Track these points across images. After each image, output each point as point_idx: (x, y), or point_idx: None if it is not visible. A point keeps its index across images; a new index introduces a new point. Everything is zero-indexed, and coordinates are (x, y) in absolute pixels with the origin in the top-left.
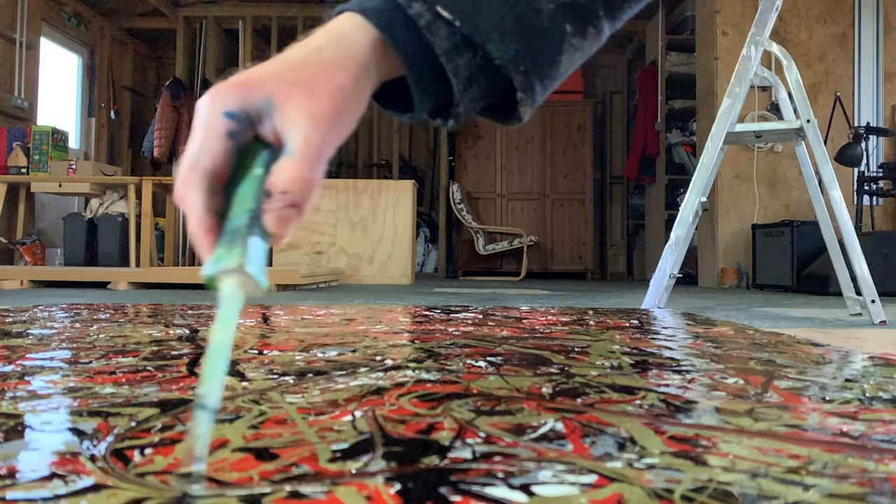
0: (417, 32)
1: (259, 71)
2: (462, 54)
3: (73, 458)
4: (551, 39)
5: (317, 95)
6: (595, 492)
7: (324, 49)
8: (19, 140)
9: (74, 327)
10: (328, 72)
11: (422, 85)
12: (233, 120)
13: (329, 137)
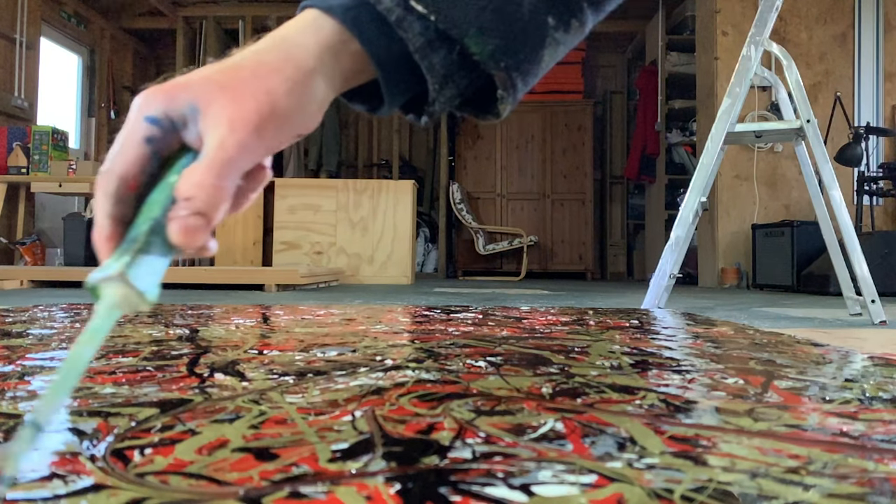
0: (388, 29)
1: (190, 75)
2: (437, 50)
3: (73, 458)
4: (533, 33)
5: (241, 99)
6: (595, 492)
7: (263, 51)
8: (19, 140)
9: (74, 327)
10: (262, 75)
11: (393, 82)
12: (153, 125)
13: (249, 143)
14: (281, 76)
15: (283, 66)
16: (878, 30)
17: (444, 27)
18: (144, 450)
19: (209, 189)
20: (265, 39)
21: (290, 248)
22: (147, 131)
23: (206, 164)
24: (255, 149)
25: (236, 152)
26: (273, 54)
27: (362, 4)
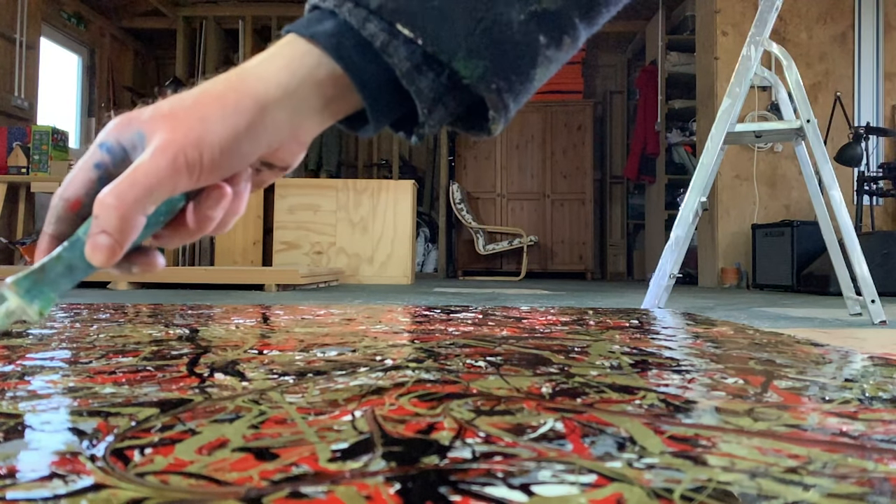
0: (373, 54)
1: (148, 107)
2: (425, 74)
3: (73, 458)
4: (524, 53)
5: (174, 126)
6: (595, 491)
7: (216, 81)
8: (19, 140)
9: (74, 327)
10: (201, 103)
11: (379, 107)
12: (105, 152)
13: (165, 168)
14: (219, 104)
15: (226, 94)
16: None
17: (432, 50)
18: (144, 450)
19: (110, 208)
20: (230, 71)
21: (290, 248)
22: (98, 157)
23: (113, 184)
24: (170, 175)
25: (144, 176)
26: (221, 84)
27: (346, 30)
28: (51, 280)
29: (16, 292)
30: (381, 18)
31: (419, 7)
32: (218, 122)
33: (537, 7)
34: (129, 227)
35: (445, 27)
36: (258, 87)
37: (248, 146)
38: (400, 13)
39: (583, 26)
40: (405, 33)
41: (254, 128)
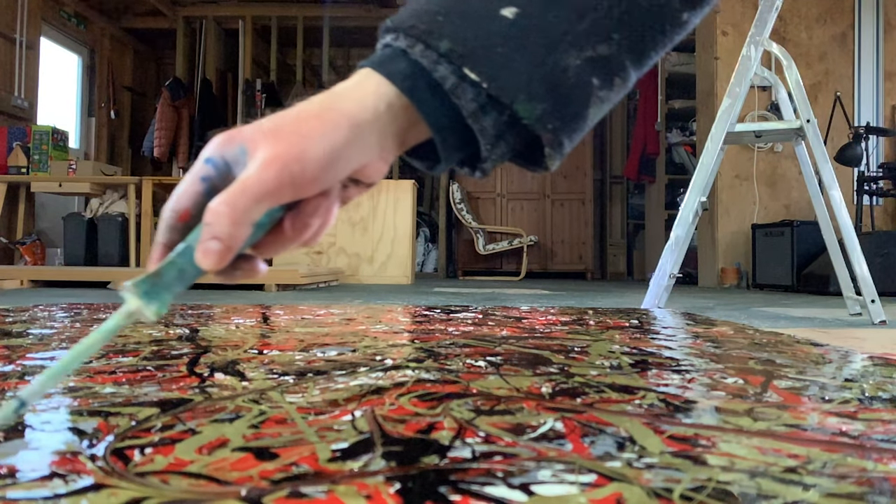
0: (442, 94)
1: (249, 125)
2: (489, 114)
3: (73, 458)
4: (578, 95)
5: (278, 141)
6: (594, 491)
7: (313, 101)
8: (19, 140)
9: (74, 327)
10: (301, 120)
11: (447, 144)
12: (210, 165)
13: (271, 180)
14: (318, 122)
15: (324, 113)
16: (878, 30)
17: (496, 94)
18: (145, 449)
19: (221, 215)
20: (322, 94)
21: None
22: (204, 171)
23: (225, 193)
24: (276, 186)
25: (253, 186)
26: (317, 105)
27: (419, 72)
28: (166, 283)
29: (136, 294)
30: (450, 62)
31: (485, 52)
32: (318, 139)
33: (592, 53)
34: (239, 234)
35: (508, 72)
36: (352, 108)
37: (344, 161)
38: (467, 58)
39: (633, 69)
40: (472, 77)
41: (349, 145)
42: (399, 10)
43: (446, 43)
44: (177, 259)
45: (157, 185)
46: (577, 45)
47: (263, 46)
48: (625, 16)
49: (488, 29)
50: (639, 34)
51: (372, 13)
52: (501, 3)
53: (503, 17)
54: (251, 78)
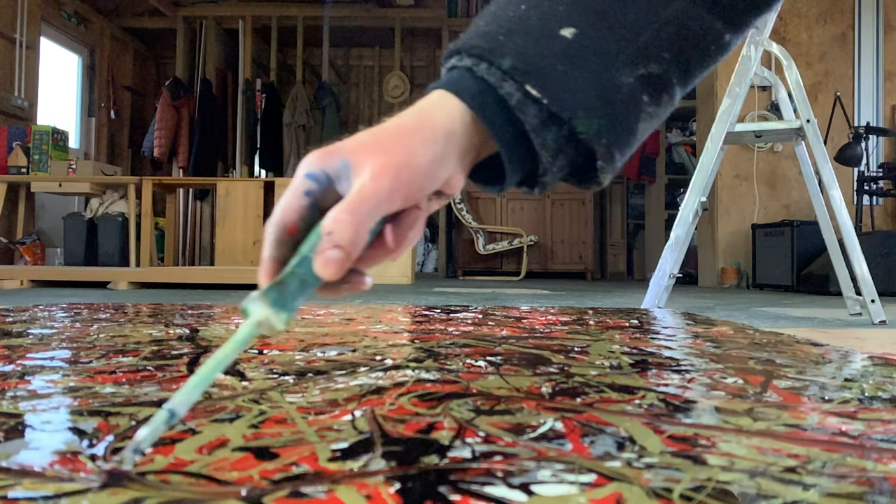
0: (507, 111)
1: (346, 141)
2: (549, 129)
3: (73, 458)
4: (631, 111)
5: (383, 154)
6: (594, 491)
7: (405, 116)
8: (19, 140)
9: (74, 327)
10: (402, 133)
11: (513, 158)
12: (312, 180)
13: (384, 189)
14: (418, 134)
15: (421, 126)
16: (878, 30)
17: (555, 110)
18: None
19: (344, 224)
20: (408, 110)
21: None
22: (306, 186)
23: (344, 203)
24: (389, 193)
25: (371, 194)
26: (413, 118)
27: (487, 89)
28: (290, 293)
29: (266, 303)
30: (513, 80)
31: (546, 71)
32: (420, 150)
33: (644, 71)
34: (360, 241)
35: (567, 89)
36: (445, 121)
37: (442, 170)
38: (530, 75)
39: (679, 86)
40: (533, 94)
41: (446, 155)
42: (459, 36)
43: (508, 61)
44: (296, 269)
45: (157, 185)
46: (631, 64)
47: (263, 46)
48: (674, 37)
49: (548, 48)
50: (686, 54)
51: (372, 13)
52: (561, 24)
53: (562, 36)
54: (251, 78)
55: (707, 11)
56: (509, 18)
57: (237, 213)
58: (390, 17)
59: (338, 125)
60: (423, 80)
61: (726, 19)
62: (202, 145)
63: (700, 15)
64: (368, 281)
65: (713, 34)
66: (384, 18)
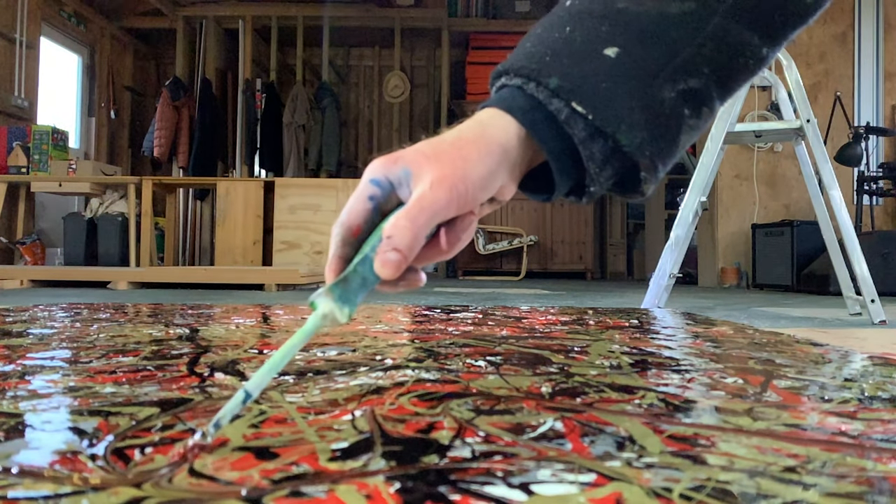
0: (557, 126)
1: (407, 149)
2: (596, 141)
3: (73, 457)
4: (672, 124)
5: (442, 164)
6: (594, 491)
7: (463, 129)
8: (19, 140)
9: (74, 327)
10: (460, 146)
11: (562, 169)
12: (375, 186)
13: (441, 198)
14: (475, 147)
15: (478, 140)
16: (878, 30)
17: (600, 124)
18: (145, 449)
19: (403, 229)
20: (464, 124)
21: (290, 247)
22: (370, 191)
23: (404, 210)
24: (446, 203)
25: (429, 204)
26: (471, 131)
27: (536, 105)
28: (353, 289)
29: (331, 298)
30: (559, 97)
31: (591, 88)
32: (477, 162)
33: (685, 86)
34: (417, 246)
35: (611, 105)
36: (500, 135)
37: (495, 181)
38: (575, 93)
39: (718, 99)
40: (579, 110)
41: (500, 167)
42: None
43: (555, 80)
44: (358, 268)
45: (157, 184)
46: (672, 79)
47: (263, 46)
48: (714, 52)
49: (592, 67)
50: (726, 69)
51: (372, 13)
52: (605, 44)
53: (606, 56)
54: (251, 78)
55: (746, 27)
56: (555, 40)
57: (237, 213)
58: (390, 17)
59: (338, 125)
60: (423, 79)
61: (763, 34)
62: (202, 145)
63: (738, 31)
64: (423, 277)
65: (751, 49)
66: (384, 18)
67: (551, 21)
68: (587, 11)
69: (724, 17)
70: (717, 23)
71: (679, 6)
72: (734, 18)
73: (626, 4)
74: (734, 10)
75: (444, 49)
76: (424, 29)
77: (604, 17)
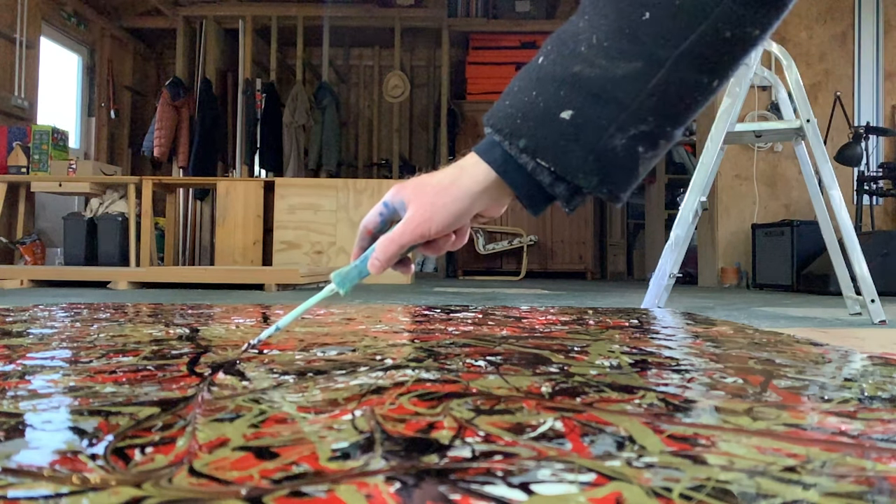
0: (527, 174)
1: (410, 182)
2: (560, 184)
3: (73, 457)
4: (627, 163)
5: (418, 205)
6: (594, 490)
7: (446, 175)
8: (19, 140)
9: (75, 327)
10: (436, 191)
11: (534, 203)
12: (384, 206)
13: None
14: (446, 195)
15: (451, 187)
16: (878, 30)
17: (561, 174)
18: (145, 448)
19: (382, 247)
20: (454, 166)
21: (290, 247)
22: (381, 209)
23: (389, 233)
24: (411, 239)
25: (398, 238)
26: (450, 178)
27: (509, 159)
28: (350, 277)
29: (334, 280)
30: (527, 153)
31: (551, 146)
32: (443, 208)
33: (635, 131)
34: (392, 257)
35: (568, 158)
36: (470, 184)
37: (462, 218)
38: (539, 151)
39: (675, 129)
40: (543, 164)
41: (467, 210)
42: (495, 104)
43: (524, 141)
44: (359, 263)
45: (157, 184)
46: (622, 129)
47: (263, 46)
48: (658, 102)
49: (552, 128)
50: (673, 109)
51: (372, 13)
52: (562, 108)
53: (562, 118)
54: (251, 78)
55: (696, 71)
56: (525, 103)
57: (237, 213)
58: (390, 17)
59: (338, 125)
60: (423, 79)
61: (713, 72)
62: (202, 145)
63: (688, 76)
64: (412, 270)
65: (701, 87)
66: (384, 18)
67: (524, 82)
68: (550, 76)
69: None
70: (662, 76)
71: (625, 67)
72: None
73: (580, 68)
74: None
75: (444, 49)
76: (424, 29)
77: (563, 82)
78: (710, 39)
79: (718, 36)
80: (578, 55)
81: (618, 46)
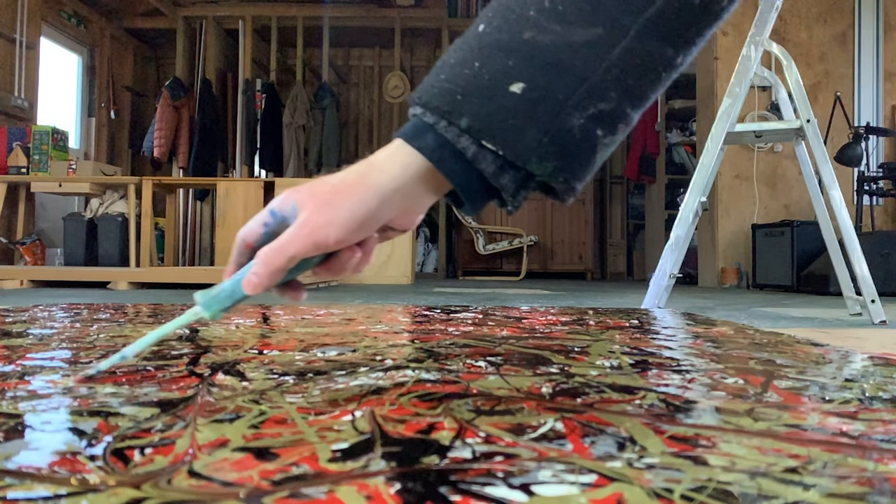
0: (466, 161)
1: (306, 185)
2: (507, 172)
3: (73, 458)
4: (585, 147)
5: (314, 209)
6: (595, 491)
7: (352, 172)
8: (19, 140)
9: (74, 327)
10: (336, 191)
11: (472, 198)
12: (270, 215)
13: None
14: (348, 194)
15: (356, 185)
16: (878, 30)
17: (512, 158)
18: (145, 449)
19: (260, 262)
20: (362, 162)
21: None
22: (266, 219)
23: (271, 244)
24: (301, 248)
25: (286, 247)
26: (354, 175)
27: (444, 143)
28: (219, 299)
29: (199, 302)
30: (469, 135)
31: (499, 125)
32: (344, 209)
33: (594, 110)
34: (275, 275)
35: (520, 140)
36: (381, 179)
37: (369, 224)
38: (484, 132)
39: (634, 112)
40: (489, 146)
41: (374, 212)
42: (423, 82)
43: (465, 120)
44: (232, 282)
45: (157, 185)
46: (580, 107)
47: (263, 46)
48: (622, 74)
49: (500, 104)
50: (636, 85)
51: (372, 13)
52: (511, 80)
53: (512, 92)
54: (251, 78)
55: (660, 42)
56: (465, 77)
57: (237, 214)
58: (390, 17)
59: (338, 125)
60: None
61: (678, 44)
62: (202, 145)
63: (651, 47)
64: (303, 295)
65: (665, 61)
66: (384, 18)
67: (463, 52)
68: (495, 44)
69: (636, 37)
70: (625, 45)
71: (584, 34)
72: (648, 36)
73: (531, 34)
74: (648, 28)
75: (444, 49)
76: (424, 29)
77: (511, 51)
78: (679, 4)
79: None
80: (528, 19)
81: (575, 9)
